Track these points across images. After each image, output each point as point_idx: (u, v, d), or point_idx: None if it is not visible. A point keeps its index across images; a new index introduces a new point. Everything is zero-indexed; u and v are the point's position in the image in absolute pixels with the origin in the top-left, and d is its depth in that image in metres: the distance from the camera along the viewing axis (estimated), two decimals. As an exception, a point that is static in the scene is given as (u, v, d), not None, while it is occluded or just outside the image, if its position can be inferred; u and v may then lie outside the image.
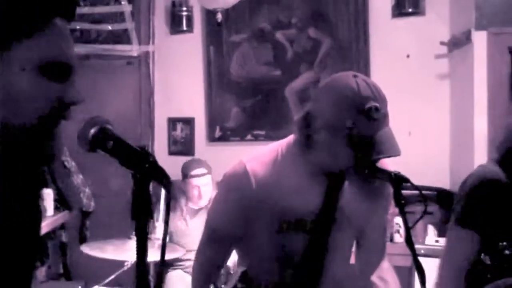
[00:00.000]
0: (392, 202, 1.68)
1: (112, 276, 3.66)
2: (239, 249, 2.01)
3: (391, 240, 4.21)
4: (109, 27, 5.17)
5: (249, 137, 5.00)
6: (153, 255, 3.57)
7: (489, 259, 1.63)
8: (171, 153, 5.25)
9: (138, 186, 0.94)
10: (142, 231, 0.92)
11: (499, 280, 1.63)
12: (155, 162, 0.96)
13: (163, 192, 4.19)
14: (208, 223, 1.99)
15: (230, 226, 1.91)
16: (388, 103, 1.75)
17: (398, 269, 2.59)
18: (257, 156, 1.90)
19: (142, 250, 0.92)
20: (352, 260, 2.08)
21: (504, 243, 1.64)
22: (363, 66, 4.60)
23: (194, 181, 4.09)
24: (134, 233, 0.92)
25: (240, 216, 1.86)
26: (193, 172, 4.11)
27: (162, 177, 0.95)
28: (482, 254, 1.66)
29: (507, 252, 1.62)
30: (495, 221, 1.92)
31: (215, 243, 1.96)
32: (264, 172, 1.83)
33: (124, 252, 3.45)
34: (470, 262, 2.02)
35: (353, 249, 2.06)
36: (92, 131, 1.00)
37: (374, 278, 2.02)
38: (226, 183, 1.92)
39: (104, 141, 0.99)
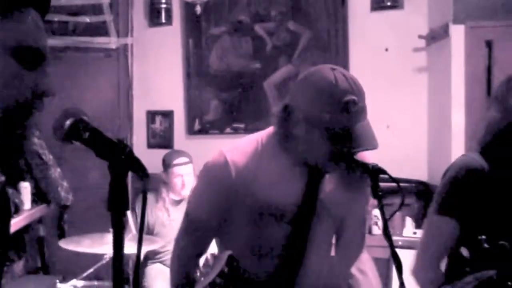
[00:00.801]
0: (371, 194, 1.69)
1: (91, 270, 3.64)
2: (218, 239, 2.00)
3: (369, 232, 4.24)
4: (87, 19, 5.13)
5: (228, 130, 5.00)
6: (132, 248, 3.58)
7: (467, 252, 1.64)
8: (150, 146, 5.23)
9: (114, 177, 0.93)
10: (119, 222, 0.91)
11: (477, 273, 1.64)
12: (131, 154, 0.95)
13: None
14: (188, 212, 1.98)
15: (209, 216, 1.90)
16: (367, 96, 1.76)
17: (376, 261, 2.61)
18: (237, 146, 1.91)
19: (118, 243, 0.91)
20: (332, 252, 2.09)
21: (483, 237, 1.65)
22: (342, 59, 4.61)
23: (177, 170, 4.10)
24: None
25: (219, 206, 1.86)
26: (176, 161, 4.12)
27: (138, 169, 0.95)
28: (461, 247, 1.67)
29: (486, 245, 1.63)
30: (475, 210, 1.93)
31: (194, 233, 1.95)
32: (244, 163, 1.83)
33: (103, 245, 3.43)
34: (447, 250, 2.04)
35: (333, 241, 2.07)
36: (68, 122, 0.99)
37: (353, 270, 2.03)
38: (206, 172, 1.91)
39: (80, 132, 0.98)
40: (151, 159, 4.47)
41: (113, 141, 0.97)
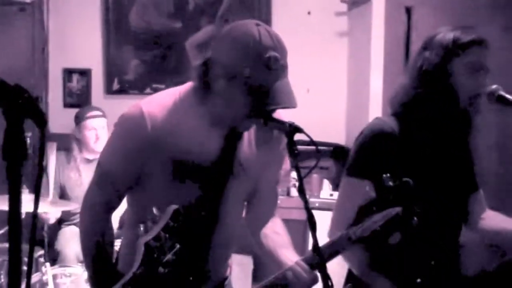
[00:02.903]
0: (287, 156, 1.69)
1: (1, 231, 3.53)
2: (131, 194, 1.94)
3: (288, 194, 4.29)
4: (0, -30, 4.87)
5: (148, 90, 4.90)
6: (45, 209, 3.48)
7: (373, 192, 1.69)
8: (66, 105, 5.07)
9: (10, 123, 0.86)
10: (15, 173, 0.85)
11: (384, 211, 1.69)
12: (30, 99, 0.88)
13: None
14: (100, 165, 1.91)
15: (122, 169, 1.84)
16: (288, 59, 1.75)
17: (294, 223, 2.63)
18: (155, 98, 1.85)
19: (14, 196, 0.84)
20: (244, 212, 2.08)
21: (388, 175, 1.70)
22: (265, 21, 4.47)
23: (90, 122, 4.03)
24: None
25: (133, 159, 1.80)
26: (89, 114, 4.05)
27: (36, 115, 0.88)
28: (367, 187, 1.72)
29: (390, 183, 1.69)
30: (386, 170, 1.98)
31: (105, 187, 1.88)
32: (161, 115, 1.78)
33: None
34: None
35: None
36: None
37: (267, 230, 2.02)
38: (121, 124, 1.84)
39: (-28, 75, 0.91)
40: (67, 119, 4.36)
41: (9, 84, 0.89)
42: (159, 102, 1.82)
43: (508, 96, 2.01)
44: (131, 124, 1.79)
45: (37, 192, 0.91)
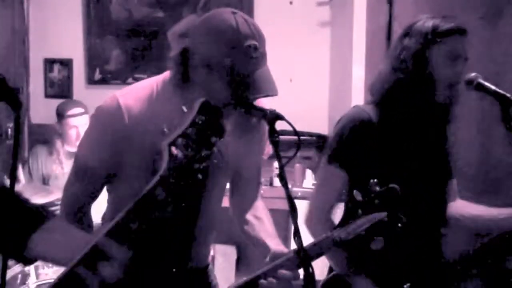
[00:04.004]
0: (269, 143, 1.68)
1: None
2: (110, 187, 1.94)
3: (271, 184, 4.30)
4: (-22, -41, 4.80)
5: (130, 80, 4.88)
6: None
7: (360, 196, 1.70)
8: (47, 95, 5.03)
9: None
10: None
11: (369, 215, 1.70)
12: (4, 82, 0.87)
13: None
14: (77, 158, 1.91)
15: (99, 162, 1.83)
16: (271, 49, 1.75)
17: (277, 212, 2.64)
18: (131, 90, 1.85)
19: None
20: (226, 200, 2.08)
21: (375, 180, 1.70)
22: (247, 11, 4.56)
23: (72, 121, 3.99)
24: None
25: (110, 152, 1.79)
26: (70, 112, 4.00)
27: (11, 98, 0.87)
28: (354, 191, 1.73)
29: (377, 188, 1.69)
30: (363, 160, 1.99)
31: (83, 179, 1.88)
32: (138, 107, 1.77)
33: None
34: (336, 198, 2.11)
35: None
36: None
37: (249, 216, 2.02)
38: (97, 117, 1.83)
39: None
40: (48, 109, 4.33)
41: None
42: (136, 93, 1.81)
43: (486, 84, 2.02)
44: (108, 116, 1.78)
45: (12, 176, 0.90)
